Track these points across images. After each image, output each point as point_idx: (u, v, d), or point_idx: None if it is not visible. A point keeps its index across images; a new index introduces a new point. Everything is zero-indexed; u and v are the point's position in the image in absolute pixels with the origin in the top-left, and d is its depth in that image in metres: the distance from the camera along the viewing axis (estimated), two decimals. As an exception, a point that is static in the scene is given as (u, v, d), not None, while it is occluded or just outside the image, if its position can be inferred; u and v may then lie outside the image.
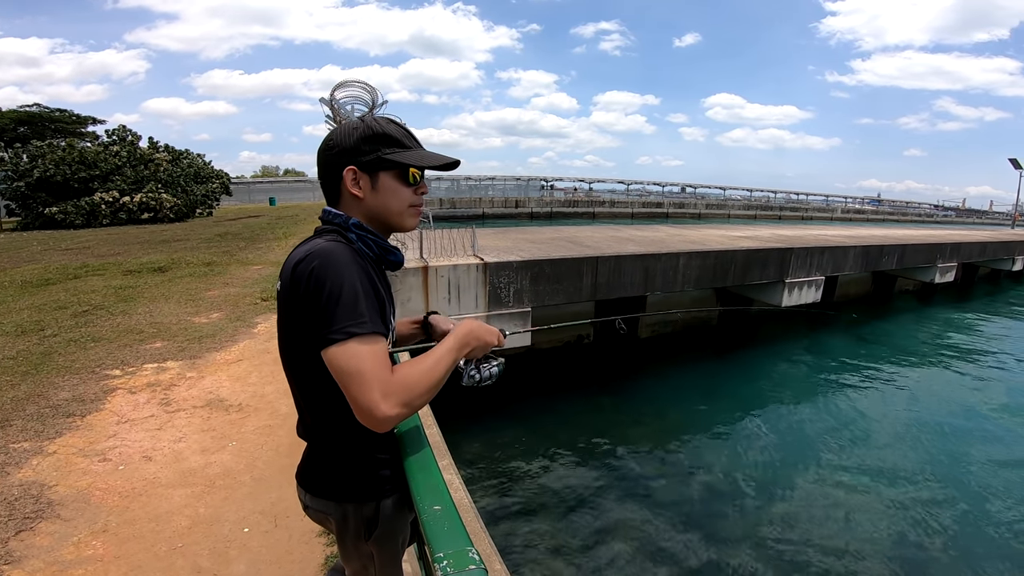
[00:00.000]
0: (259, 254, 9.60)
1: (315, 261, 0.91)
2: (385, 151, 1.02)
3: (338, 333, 0.87)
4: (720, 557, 4.20)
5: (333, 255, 0.92)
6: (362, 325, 0.88)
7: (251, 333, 4.87)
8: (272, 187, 38.96)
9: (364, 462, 1.10)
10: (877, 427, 6.71)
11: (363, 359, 0.87)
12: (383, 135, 1.02)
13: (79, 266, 7.96)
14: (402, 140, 1.05)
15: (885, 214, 54.70)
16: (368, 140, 1.01)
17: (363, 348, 0.87)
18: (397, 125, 1.06)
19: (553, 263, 6.94)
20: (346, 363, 0.87)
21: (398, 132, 1.05)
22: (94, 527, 2.18)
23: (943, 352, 10.35)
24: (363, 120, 1.03)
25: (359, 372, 0.86)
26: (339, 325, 0.87)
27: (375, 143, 1.01)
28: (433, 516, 0.88)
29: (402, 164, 1.03)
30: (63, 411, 3.18)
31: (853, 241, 11.49)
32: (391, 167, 1.03)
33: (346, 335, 0.87)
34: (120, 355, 4.20)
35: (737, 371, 8.69)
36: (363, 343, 0.88)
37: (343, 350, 0.87)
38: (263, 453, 2.81)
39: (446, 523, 0.86)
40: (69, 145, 17.43)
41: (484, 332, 1.14)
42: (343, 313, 0.88)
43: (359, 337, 0.88)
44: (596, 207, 39.77)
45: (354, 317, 0.88)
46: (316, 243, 0.97)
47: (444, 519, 0.87)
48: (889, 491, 5.24)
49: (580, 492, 5.00)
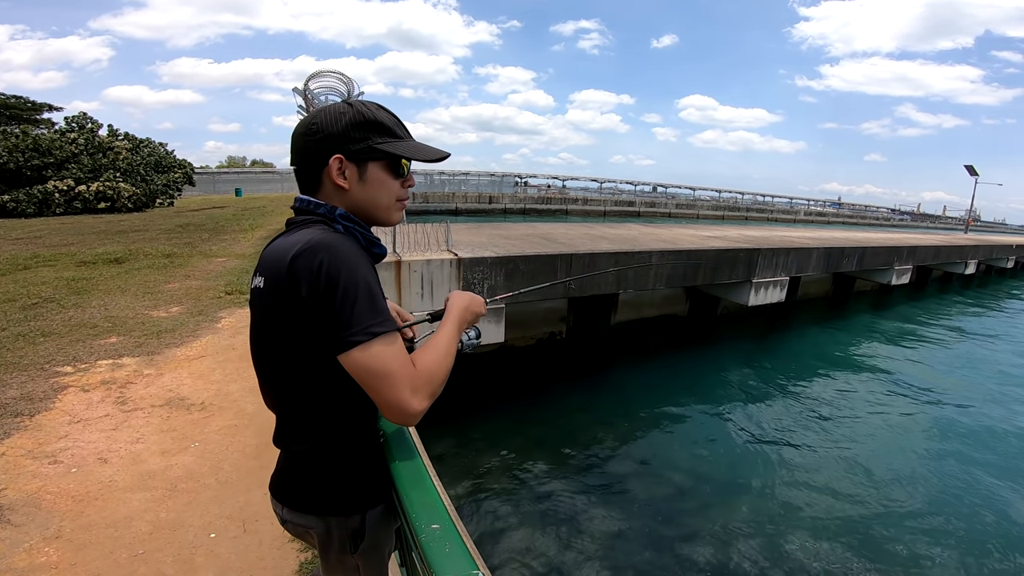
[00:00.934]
0: (224, 246, 9.28)
1: (320, 255, 0.84)
2: (377, 140, 0.95)
3: (361, 334, 0.83)
4: (691, 556, 4.26)
5: (339, 249, 0.86)
6: (384, 323, 0.86)
7: (214, 328, 4.69)
8: (239, 178, 37.85)
9: (349, 472, 1.03)
10: (838, 422, 6.94)
11: (390, 358, 0.85)
12: (375, 122, 0.95)
13: (29, 256, 7.53)
14: (394, 129, 0.98)
15: (845, 217, 56.70)
16: (359, 127, 0.93)
17: (388, 348, 0.85)
18: (388, 112, 0.99)
19: (527, 260, 6.92)
20: (374, 364, 0.84)
21: (390, 120, 0.98)
22: (46, 533, 2.05)
23: (897, 349, 10.79)
24: (351, 105, 0.96)
25: (388, 372, 0.84)
26: (361, 326, 0.83)
27: (366, 130, 0.94)
28: (432, 536, 0.82)
29: (394, 155, 0.96)
30: (10, 410, 2.99)
31: (816, 243, 11.84)
32: (382, 157, 0.96)
33: (369, 335, 0.84)
34: (72, 351, 3.98)
35: (705, 367, 8.85)
36: (386, 342, 0.85)
37: (368, 352, 0.83)
38: (229, 455, 2.70)
39: (447, 544, 0.81)
40: (23, 132, 16.53)
41: (475, 304, 1.14)
42: (363, 313, 0.84)
43: (382, 337, 0.85)
44: (569, 205, 40.00)
45: (375, 316, 0.85)
46: (311, 234, 0.88)
47: (444, 539, 0.82)
48: (852, 486, 5.42)
49: (552, 492, 5.00)
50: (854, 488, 5.34)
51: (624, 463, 5.62)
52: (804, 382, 8.49)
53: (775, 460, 5.81)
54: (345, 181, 0.94)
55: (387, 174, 0.97)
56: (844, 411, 7.34)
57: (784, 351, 10.18)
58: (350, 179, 0.95)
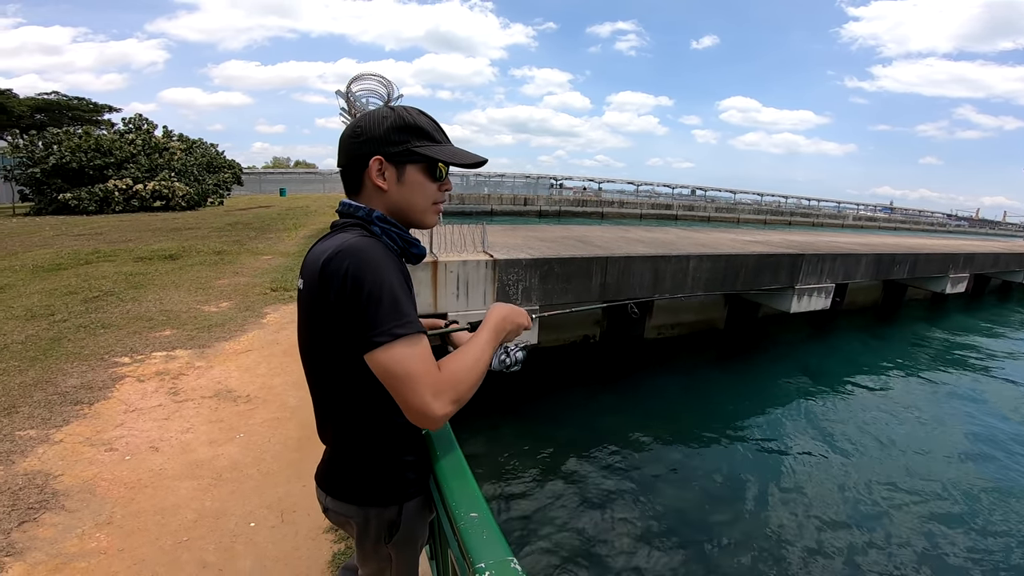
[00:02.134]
0: (269, 244, 9.62)
1: (348, 259, 0.88)
2: (415, 143, 0.98)
3: (383, 336, 0.85)
4: (718, 564, 4.17)
5: (367, 253, 0.89)
6: (407, 325, 0.87)
7: (260, 323, 4.86)
8: (283, 178, 39.15)
9: (389, 465, 1.08)
10: (880, 436, 6.63)
11: (412, 360, 0.86)
12: (414, 127, 0.98)
13: (91, 252, 8.00)
14: (433, 134, 1.01)
15: (897, 222, 54.09)
16: (399, 130, 0.97)
17: (410, 350, 0.86)
18: (428, 117, 1.02)
19: (563, 262, 6.90)
20: (395, 366, 0.85)
21: (429, 125, 1.01)
22: (99, 519, 2.15)
23: (951, 363, 10.22)
24: (393, 109, 1.00)
25: (408, 374, 0.85)
26: (384, 327, 0.85)
27: (405, 134, 0.98)
28: (471, 524, 0.87)
29: (432, 159, 0.99)
30: (71, 398, 3.18)
31: (865, 248, 11.34)
32: (420, 160, 0.99)
33: (391, 337, 0.85)
34: (129, 342, 4.20)
35: (743, 376, 8.61)
36: (409, 344, 0.86)
37: (390, 353, 0.85)
38: (271, 446, 2.79)
39: (484, 531, 0.85)
40: (85, 133, 17.56)
41: (517, 316, 1.12)
42: (386, 314, 0.86)
43: (404, 339, 0.86)
44: (605, 207, 39.60)
45: (398, 318, 0.86)
46: (344, 239, 0.92)
47: (482, 527, 0.86)
48: (893, 500, 5.17)
49: (583, 493, 4.97)
50: (900, 521, 5.06)
51: (655, 468, 5.53)
52: (848, 394, 8.15)
53: (812, 477, 5.59)
54: (384, 182, 0.99)
55: (424, 177, 1.01)
56: (891, 428, 7.00)
57: (828, 360, 9.78)
58: (389, 181, 0.99)
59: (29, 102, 20.85)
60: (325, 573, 1.91)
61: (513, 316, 1.11)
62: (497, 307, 1.11)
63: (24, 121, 20.50)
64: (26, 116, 20.51)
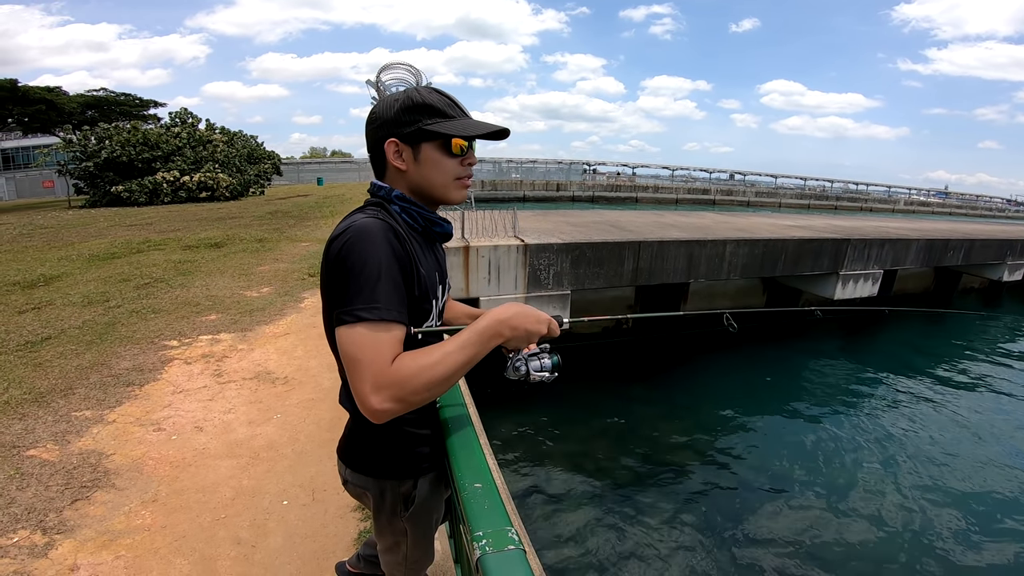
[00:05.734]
0: (307, 231, 9.88)
1: (342, 237, 0.89)
2: (426, 122, 0.98)
3: (347, 315, 0.85)
4: (747, 558, 4.10)
5: (362, 231, 0.89)
6: (373, 310, 0.84)
7: (298, 308, 5.02)
8: (320, 168, 40.04)
9: (403, 439, 1.10)
10: (927, 436, 6.33)
11: (362, 347, 0.83)
12: (424, 105, 0.98)
13: (142, 241, 8.41)
14: (444, 109, 1.00)
15: (952, 207, 50.94)
16: (408, 111, 0.97)
17: (367, 335, 0.84)
18: (440, 94, 1.01)
19: (594, 246, 6.83)
20: (348, 347, 0.84)
21: (440, 101, 1.00)
22: (145, 497, 2.27)
23: (1008, 352, 9.64)
24: (405, 91, 1.00)
25: (356, 360, 0.84)
26: (350, 307, 0.85)
27: (415, 113, 0.97)
28: (473, 493, 0.88)
29: (443, 134, 0.98)
30: (123, 380, 3.36)
31: (916, 234, 10.78)
32: (432, 138, 0.99)
33: (354, 318, 0.84)
34: (178, 326, 4.41)
35: (781, 364, 8.37)
36: (369, 329, 0.84)
37: (348, 334, 0.84)
38: (305, 427, 2.90)
39: (486, 501, 0.86)
40: (134, 127, 18.35)
41: (524, 320, 0.97)
42: (356, 294, 0.85)
43: (366, 323, 0.84)
44: (639, 192, 38.86)
45: (367, 300, 0.85)
46: (354, 218, 0.94)
47: (484, 497, 0.87)
48: (937, 506, 4.95)
49: (608, 480, 4.97)
50: (943, 523, 4.83)
51: (686, 458, 5.46)
52: (895, 385, 7.81)
53: (850, 470, 5.41)
54: (403, 163, 1.00)
55: (441, 153, 1.00)
56: (942, 425, 6.68)
57: (874, 350, 9.40)
58: (407, 161, 1.00)
59: (79, 99, 21.82)
60: (350, 549, 1.98)
61: (517, 320, 0.97)
62: (504, 306, 1.00)
63: (75, 117, 21.46)
64: (77, 112, 21.49)
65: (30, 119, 20.35)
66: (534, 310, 1.01)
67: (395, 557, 1.26)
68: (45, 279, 5.92)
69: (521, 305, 1.01)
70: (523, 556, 0.73)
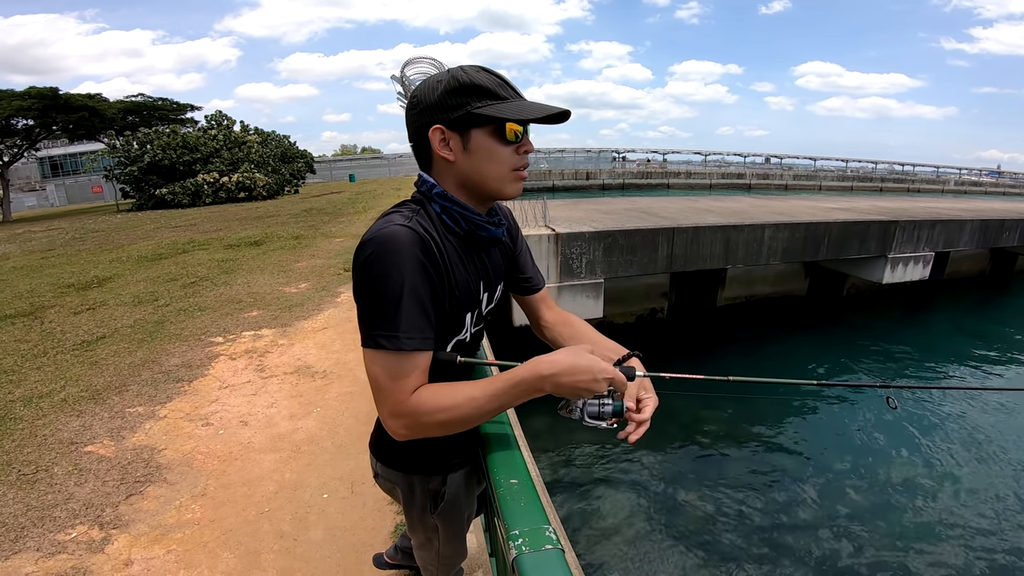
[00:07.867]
0: (341, 227, 10.07)
1: (370, 248, 0.82)
2: (476, 104, 0.86)
3: (368, 340, 0.83)
4: (791, 556, 3.97)
5: (387, 243, 0.81)
6: (393, 339, 0.81)
7: (335, 302, 5.12)
8: (351, 165, 40.73)
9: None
10: (995, 431, 5.99)
11: (381, 375, 0.83)
12: (471, 86, 0.86)
13: (187, 241, 8.75)
14: (495, 90, 0.87)
15: (1006, 186, 47.67)
16: (454, 93, 0.85)
17: (387, 366, 0.82)
18: (488, 72, 0.89)
19: (627, 234, 6.71)
20: (369, 371, 0.84)
21: (490, 81, 0.87)
22: (194, 491, 2.34)
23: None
24: (449, 71, 0.89)
25: (376, 386, 0.84)
26: (372, 331, 0.82)
27: (462, 95, 0.86)
28: (509, 490, 0.86)
29: (497, 118, 0.86)
30: (173, 377, 3.50)
31: (969, 215, 10.16)
32: (484, 122, 0.86)
33: (376, 345, 0.82)
34: (223, 323, 4.56)
35: (827, 353, 8.05)
36: (389, 357, 0.82)
37: (370, 358, 0.84)
38: (344, 420, 2.95)
39: (522, 498, 0.84)
40: (173, 131, 19.05)
41: (574, 378, 0.84)
42: (377, 319, 0.82)
43: (387, 352, 0.82)
44: (671, 178, 37.97)
45: (388, 328, 0.81)
46: (385, 221, 0.87)
47: (520, 494, 0.85)
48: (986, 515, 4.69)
49: (647, 473, 4.89)
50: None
51: (729, 447, 5.33)
52: (950, 374, 7.42)
53: (898, 466, 5.17)
54: (450, 152, 0.89)
55: (494, 140, 0.88)
56: (1004, 417, 6.31)
57: (927, 336, 8.94)
58: (455, 150, 0.89)
59: (119, 104, 22.58)
60: (387, 542, 2.00)
61: (567, 377, 0.83)
62: (554, 356, 0.86)
63: (117, 123, 22.27)
64: (118, 118, 22.26)
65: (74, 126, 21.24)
66: (593, 362, 0.84)
67: (428, 553, 1.26)
68: (98, 280, 6.23)
69: (578, 355, 0.85)
70: (561, 556, 0.71)
